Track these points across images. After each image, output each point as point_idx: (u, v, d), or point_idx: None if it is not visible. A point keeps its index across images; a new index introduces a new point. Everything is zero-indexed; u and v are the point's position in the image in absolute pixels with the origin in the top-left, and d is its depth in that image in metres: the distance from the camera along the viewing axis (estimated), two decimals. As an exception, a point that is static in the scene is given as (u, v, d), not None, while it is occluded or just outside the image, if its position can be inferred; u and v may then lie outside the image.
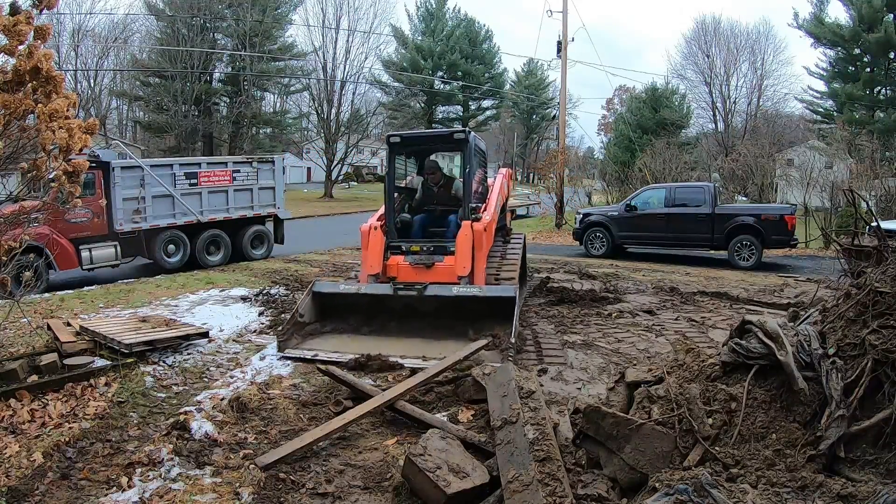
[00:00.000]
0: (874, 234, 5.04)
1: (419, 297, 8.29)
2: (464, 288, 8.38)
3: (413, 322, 8.47)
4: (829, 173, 24.92)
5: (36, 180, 5.99)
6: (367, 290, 8.61)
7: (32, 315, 9.21)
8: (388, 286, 8.50)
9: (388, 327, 8.55)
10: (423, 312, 8.50)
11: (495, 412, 4.77)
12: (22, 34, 5.23)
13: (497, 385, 5.09)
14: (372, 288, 8.65)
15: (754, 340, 4.17)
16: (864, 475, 3.38)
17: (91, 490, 4.59)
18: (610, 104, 75.98)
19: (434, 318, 8.45)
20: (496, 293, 8.30)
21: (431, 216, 10.24)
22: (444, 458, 4.25)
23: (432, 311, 8.50)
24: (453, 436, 4.66)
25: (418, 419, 5.53)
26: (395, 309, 8.62)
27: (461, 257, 8.85)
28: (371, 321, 8.67)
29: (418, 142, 10.89)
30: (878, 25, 38.17)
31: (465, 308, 8.37)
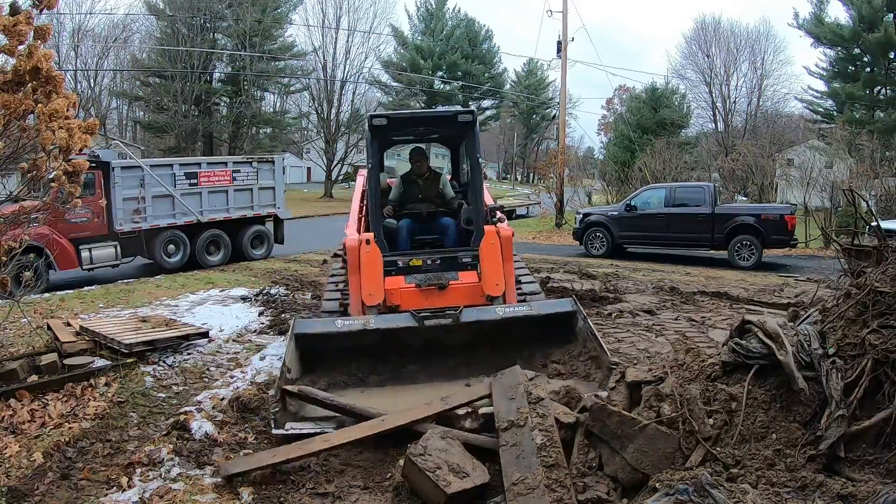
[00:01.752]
0: (874, 234, 5.04)
1: (453, 327, 6.52)
2: (509, 308, 6.77)
3: (439, 360, 6.59)
4: (829, 173, 24.91)
5: (36, 180, 6.00)
6: (377, 324, 6.41)
7: (32, 315, 9.20)
8: (406, 316, 6.49)
9: (406, 371, 6.53)
10: (450, 346, 6.70)
11: (501, 413, 4.65)
12: (22, 34, 5.23)
13: (504, 388, 4.91)
14: (384, 321, 6.50)
15: (754, 340, 4.17)
16: (865, 475, 3.38)
17: (91, 490, 4.59)
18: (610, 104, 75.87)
19: (466, 352, 6.67)
20: (552, 309, 6.88)
21: (417, 219, 8.27)
22: (444, 458, 4.25)
23: (464, 343, 6.71)
24: (453, 436, 4.66)
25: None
26: (413, 345, 6.65)
27: (490, 272, 7.10)
28: (382, 365, 6.55)
29: (410, 125, 8.42)
30: (878, 25, 38.15)
31: (509, 333, 6.75)
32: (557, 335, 6.75)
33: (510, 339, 6.70)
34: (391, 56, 57.56)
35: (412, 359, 6.58)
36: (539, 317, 6.69)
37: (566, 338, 6.77)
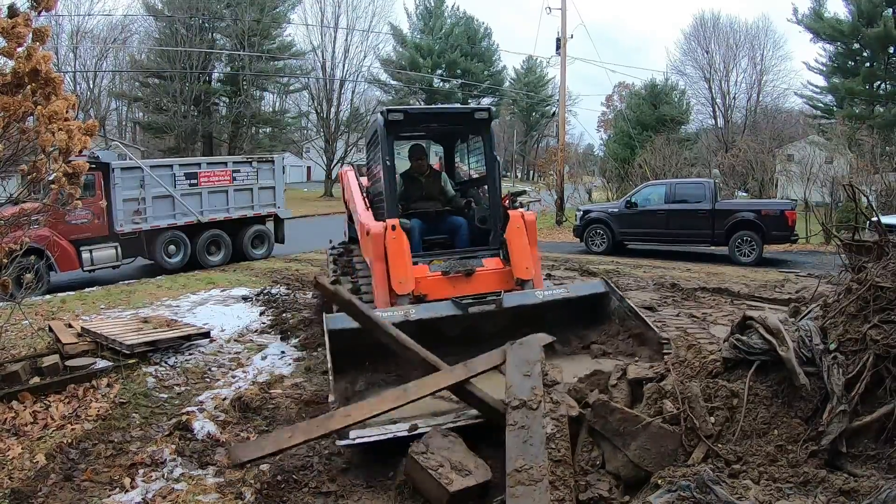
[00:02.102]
0: (875, 229, 5.04)
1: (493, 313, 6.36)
2: (547, 291, 6.78)
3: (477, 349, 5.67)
4: (830, 168, 24.94)
5: (36, 182, 6.01)
6: (419, 314, 6.09)
7: (34, 317, 9.21)
8: (448, 305, 6.30)
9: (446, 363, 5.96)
10: (489, 333, 6.24)
11: (513, 389, 4.43)
12: (20, 36, 5.24)
13: (521, 361, 4.65)
14: (428, 310, 6.21)
15: (755, 336, 4.17)
16: (866, 470, 3.38)
17: (94, 491, 4.59)
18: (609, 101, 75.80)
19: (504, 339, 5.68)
20: (588, 291, 6.94)
21: (426, 218, 8.03)
22: (447, 456, 4.25)
23: (502, 330, 6.22)
24: (455, 434, 4.66)
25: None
26: (452, 335, 6.28)
27: (519, 256, 7.12)
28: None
29: (426, 120, 8.39)
30: (877, 20, 38.09)
31: (545, 317, 6.46)
32: (592, 317, 6.78)
33: (546, 323, 6.20)
34: (390, 54, 57.61)
35: (450, 349, 5.90)
36: (575, 299, 6.73)
37: (601, 318, 6.77)
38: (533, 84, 71.10)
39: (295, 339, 8.54)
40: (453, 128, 8.73)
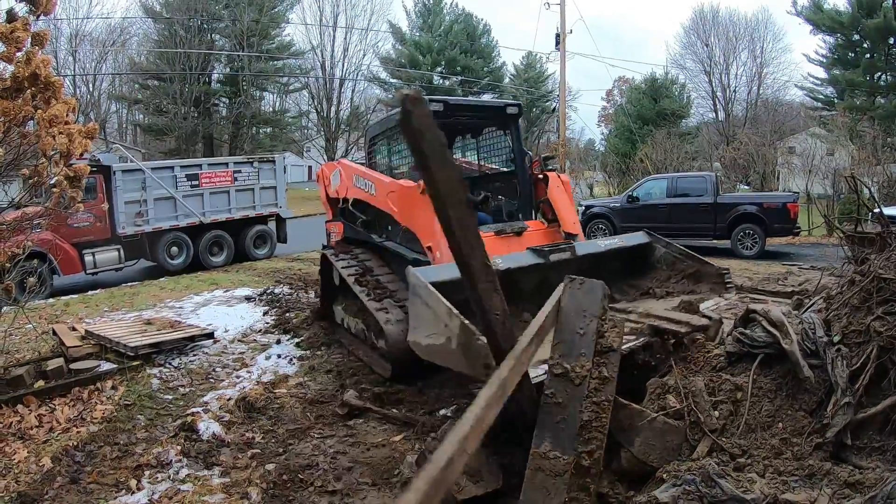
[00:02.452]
0: (877, 221, 5.03)
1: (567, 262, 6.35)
2: (606, 241, 7.13)
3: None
4: (831, 160, 24.92)
5: (37, 186, 6.01)
6: (507, 264, 5.99)
7: (37, 321, 9.23)
8: (528, 254, 6.31)
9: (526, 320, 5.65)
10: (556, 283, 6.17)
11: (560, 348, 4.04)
12: (19, 41, 5.24)
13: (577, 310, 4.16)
14: (513, 260, 6.17)
15: (759, 329, 4.17)
16: (872, 462, 3.38)
17: (100, 493, 4.61)
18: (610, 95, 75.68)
19: None
20: (637, 241, 7.17)
21: None
22: (462, 458, 4.18)
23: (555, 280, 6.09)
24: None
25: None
26: (527, 288, 6.38)
27: (565, 212, 7.36)
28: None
29: (463, 112, 8.30)
30: (876, 11, 38.02)
31: (602, 267, 6.63)
32: (640, 266, 7.05)
33: (604, 273, 6.10)
34: (389, 53, 57.46)
35: (525, 304, 6.08)
36: (628, 248, 6.99)
37: (647, 267, 7.04)
38: (533, 80, 70.90)
39: (299, 339, 8.55)
40: (483, 121, 8.69)
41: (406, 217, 7.04)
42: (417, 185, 6.67)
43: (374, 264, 7.95)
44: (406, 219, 7.04)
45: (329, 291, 8.80)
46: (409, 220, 6.98)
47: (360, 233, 8.65)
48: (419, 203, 6.64)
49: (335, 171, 9.20)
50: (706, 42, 48.81)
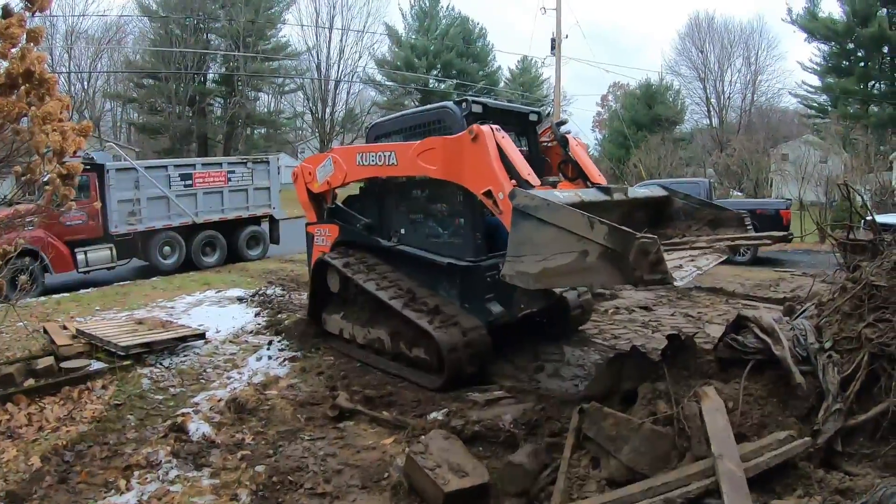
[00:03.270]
0: (869, 228, 5.06)
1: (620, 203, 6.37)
2: (643, 190, 7.24)
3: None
4: (824, 168, 25.01)
5: (30, 184, 5.97)
6: (589, 197, 5.84)
7: (28, 319, 9.18)
8: (596, 191, 6.25)
9: None
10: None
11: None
12: (14, 37, 5.21)
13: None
14: (591, 194, 6.07)
15: (750, 336, 4.18)
16: (862, 468, 3.38)
17: (89, 493, 4.58)
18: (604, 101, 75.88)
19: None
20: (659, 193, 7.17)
21: None
22: (445, 457, 4.25)
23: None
24: (455, 436, 4.66)
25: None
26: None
27: (590, 167, 7.45)
28: None
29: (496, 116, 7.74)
30: (871, 20, 38.27)
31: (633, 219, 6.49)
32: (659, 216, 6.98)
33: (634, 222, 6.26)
34: (385, 55, 57.55)
35: None
36: (654, 199, 6.98)
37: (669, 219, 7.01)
38: (528, 84, 70.99)
39: (290, 341, 8.53)
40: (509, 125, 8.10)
41: (452, 171, 6.68)
42: (467, 132, 6.40)
43: (389, 271, 7.71)
44: (452, 173, 6.70)
45: (320, 299, 8.57)
46: (457, 173, 6.64)
47: (361, 236, 8.21)
48: (467, 153, 6.41)
49: (324, 162, 8.65)
50: (701, 49, 49.11)
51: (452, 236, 7.18)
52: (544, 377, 6.84)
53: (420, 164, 6.91)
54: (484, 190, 6.19)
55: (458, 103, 7.31)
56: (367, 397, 6.22)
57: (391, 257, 7.78)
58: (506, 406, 5.76)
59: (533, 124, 8.07)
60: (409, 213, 7.71)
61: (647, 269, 4.02)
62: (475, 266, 6.82)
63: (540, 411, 5.35)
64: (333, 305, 8.33)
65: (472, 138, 6.30)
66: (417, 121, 7.73)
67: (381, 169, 7.57)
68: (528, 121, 8.06)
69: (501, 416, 5.34)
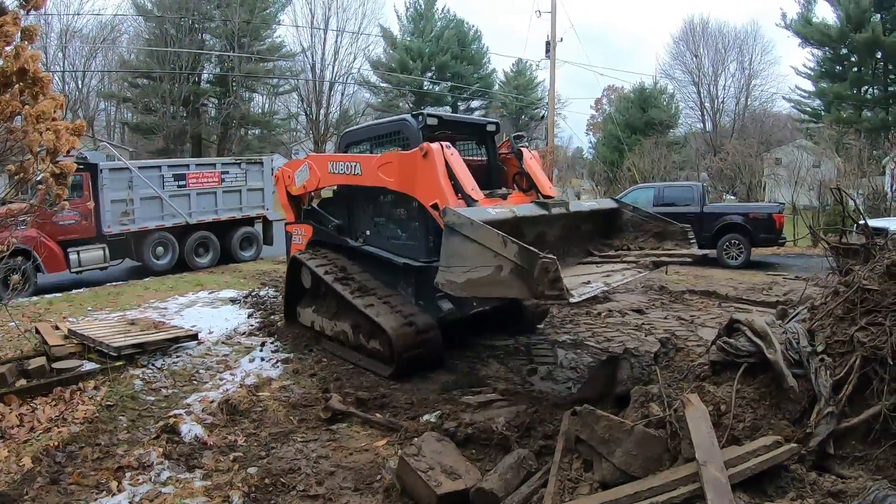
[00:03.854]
0: (862, 233, 5.07)
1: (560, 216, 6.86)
2: (587, 203, 7.68)
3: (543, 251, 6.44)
4: (817, 172, 25.08)
5: (23, 182, 5.96)
6: (521, 212, 6.38)
7: (20, 319, 9.15)
8: (534, 206, 6.66)
9: None
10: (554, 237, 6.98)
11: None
12: (9, 35, 5.20)
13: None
14: (527, 209, 6.56)
15: (743, 339, 4.18)
16: (854, 471, 3.39)
17: (81, 494, 4.56)
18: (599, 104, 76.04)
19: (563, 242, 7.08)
20: (610, 205, 7.79)
21: None
22: (438, 460, 4.25)
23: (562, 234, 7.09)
24: (448, 439, 4.66)
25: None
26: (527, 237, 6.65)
27: (543, 179, 8.04)
28: None
29: (452, 127, 8.70)
30: (865, 25, 38.43)
31: (579, 231, 7.37)
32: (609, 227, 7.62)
33: (581, 236, 7.33)
34: (380, 57, 57.47)
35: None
36: (602, 210, 7.58)
37: (616, 230, 7.59)
38: (522, 87, 71.04)
39: (283, 342, 8.53)
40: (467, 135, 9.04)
41: (405, 184, 7.30)
42: (418, 149, 7.01)
43: (355, 269, 8.27)
44: (405, 186, 7.30)
45: (296, 294, 9.16)
46: (410, 185, 7.24)
47: (331, 236, 8.83)
48: (420, 168, 7.00)
49: (301, 168, 9.31)
50: (695, 53, 49.17)
51: (409, 239, 7.74)
52: (537, 380, 6.86)
53: (380, 176, 7.56)
54: (431, 203, 6.84)
55: (415, 116, 7.96)
56: (359, 399, 6.23)
57: (358, 257, 8.39)
58: (499, 408, 5.77)
59: (491, 134, 8.75)
60: (374, 216, 8.30)
61: (547, 286, 4.55)
62: (428, 266, 7.20)
63: (533, 414, 5.36)
64: (306, 300, 8.92)
65: (422, 155, 6.93)
66: (381, 131, 8.52)
67: (349, 178, 8.26)
68: (487, 131, 8.74)
69: (494, 418, 5.34)
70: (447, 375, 7.05)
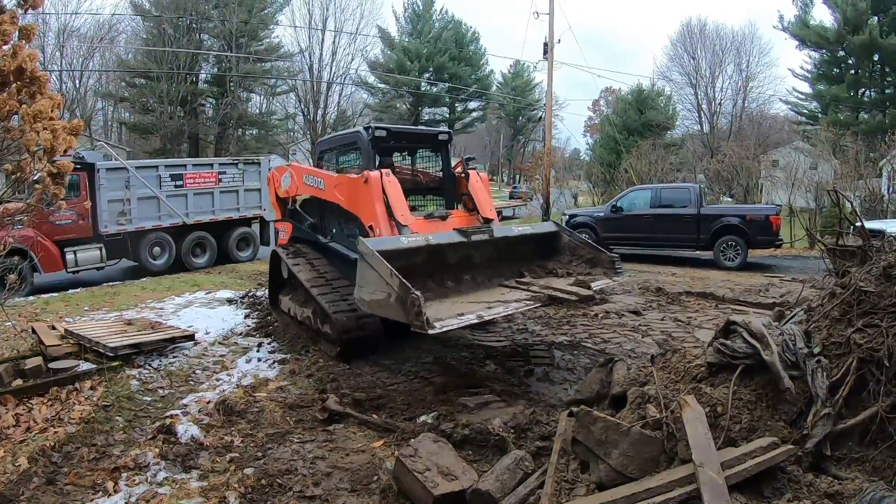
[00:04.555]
0: (858, 234, 5.08)
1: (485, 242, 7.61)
2: (518, 228, 8.39)
3: (469, 276, 7.64)
4: (814, 174, 25.11)
5: (20, 182, 5.95)
6: (436, 239, 7.05)
7: (17, 318, 9.14)
8: (454, 234, 7.35)
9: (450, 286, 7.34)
10: (480, 260, 7.81)
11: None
12: (6, 34, 5.19)
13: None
14: (442, 237, 7.23)
15: (739, 340, 4.18)
16: (851, 473, 3.39)
17: (77, 495, 4.55)
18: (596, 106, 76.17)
19: (490, 266, 7.85)
20: (546, 229, 8.65)
21: None
22: (435, 461, 4.24)
23: (489, 258, 7.88)
24: (445, 440, 4.65)
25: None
26: (451, 262, 7.58)
27: (484, 201, 8.52)
28: (427, 283, 7.08)
29: (402, 138, 9.65)
30: (862, 28, 38.52)
31: (515, 250, 8.15)
32: (548, 251, 8.41)
33: (516, 257, 8.14)
34: (378, 57, 57.50)
35: (450, 276, 7.50)
36: (538, 235, 8.46)
37: (554, 252, 8.41)
38: (520, 88, 71.17)
39: (280, 343, 8.53)
40: (420, 145, 9.93)
41: (351, 204, 8.16)
42: (361, 176, 7.82)
43: (321, 262, 9.05)
44: (351, 205, 8.17)
45: (277, 284, 9.92)
46: (354, 206, 8.10)
47: (307, 233, 9.71)
48: (362, 192, 7.82)
49: (286, 174, 10.13)
50: (693, 55, 49.26)
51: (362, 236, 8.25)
52: (534, 381, 6.85)
53: (335, 194, 8.51)
54: (368, 224, 7.77)
55: (366, 129, 8.75)
56: (356, 400, 6.22)
57: (327, 252, 9.16)
58: (495, 410, 5.77)
59: (444, 142, 9.42)
60: (337, 217, 9.02)
61: (413, 317, 5.44)
62: None
63: (529, 415, 5.37)
64: (285, 289, 9.61)
65: (363, 181, 7.75)
66: (343, 141, 9.58)
67: (316, 190, 9.17)
68: (439, 140, 9.43)
69: (491, 419, 5.34)
70: (444, 377, 7.04)
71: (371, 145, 8.56)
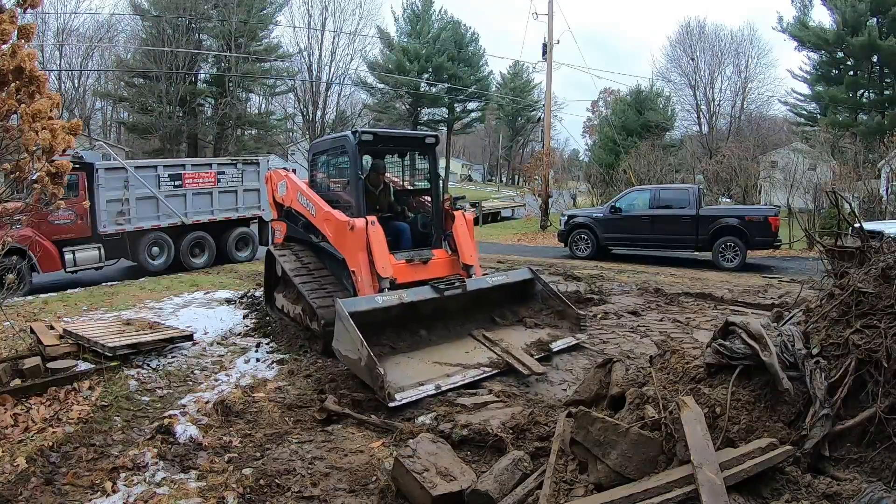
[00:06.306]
0: (857, 235, 5.08)
1: (460, 295, 7.86)
2: (492, 278, 8.56)
3: (443, 324, 7.94)
4: (813, 175, 25.16)
5: (19, 181, 5.95)
6: (410, 297, 7.42)
7: (15, 318, 9.13)
8: (428, 289, 7.66)
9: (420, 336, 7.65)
10: (454, 310, 8.10)
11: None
12: (5, 33, 5.19)
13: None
14: (415, 294, 7.53)
15: (738, 341, 4.18)
16: (849, 474, 3.40)
17: (75, 495, 4.55)
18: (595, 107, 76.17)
19: (464, 315, 8.17)
20: (520, 277, 8.81)
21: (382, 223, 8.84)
22: (433, 461, 4.24)
23: (463, 307, 8.19)
24: (443, 440, 4.65)
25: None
26: (425, 313, 7.84)
27: (465, 246, 8.79)
28: (402, 333, 7.56)
29: (389, 142, 9.74)
30: (861, 29, 38.47)
31: (488, 298, 8.44)
32: (523, 297, 8.79)
33: (490, 302, 8.48)
34: (377, 58, 57.42)
35: (423, 325, 7.76)
36: (512, 283, 8.69)
37: (528, 299, 8.80)
38: (519, 89, 71.20)
39: (278, 343, 8.53)
40: (407, 148, 10.16)
41: (338, 243, 8.40)
42: (347, 222, 8.09)
43: (311, 260, 9.24)
44: (338, 245, 8.41)
45: (272, 282, 10.08)
46: (340, 246, 8.34)
47: (300, 233, 9.82)
48: (348, 237, 8.07)
49: (282, 182, 10.44)
50: (692, 56, 49.17)
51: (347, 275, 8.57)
52: (532, 381, 6.84)
53: (324, 226, 8.71)
54: (352, 269, 8.06)
55: (353, 133, 8.83)
56: (355, 400, 6.22)
57: (318, 252, 9.29)
58: (494, 410, 5.78)
59: (431, 146, 9.49)
60: None
61: (378, 389, 6.06)
62: None
63: (528, 416, 5.37)
64: (279, 287, 9.81)
65: (349, 228, 8.02)
66: (333, 144, 9.68)
67: (307, 212, 9.33)
68: (426, 143, 9.52)
69: (490, 420, 5.35)
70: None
71: (358, 149, 8.68)
